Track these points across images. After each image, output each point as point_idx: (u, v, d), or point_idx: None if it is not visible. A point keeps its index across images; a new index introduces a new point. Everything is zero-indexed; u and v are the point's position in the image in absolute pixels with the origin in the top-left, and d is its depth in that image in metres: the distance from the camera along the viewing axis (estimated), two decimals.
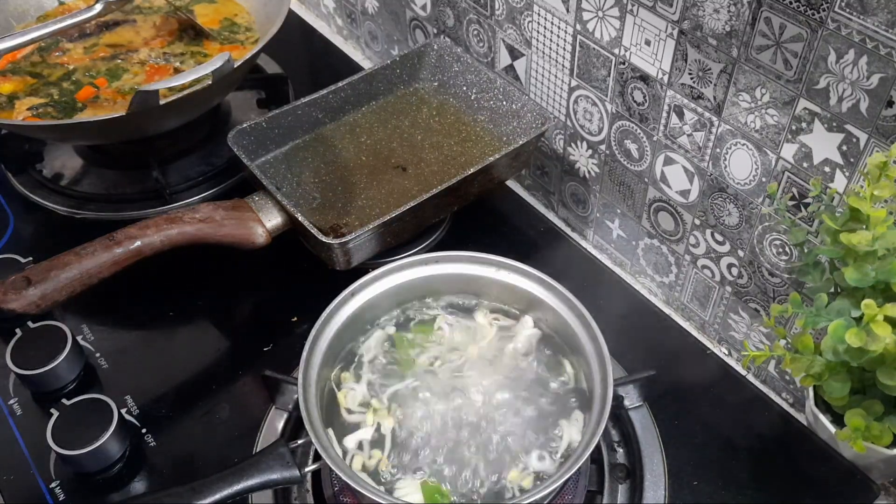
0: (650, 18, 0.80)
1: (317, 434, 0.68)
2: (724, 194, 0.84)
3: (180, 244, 0.86)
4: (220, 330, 0.95)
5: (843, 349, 0.65)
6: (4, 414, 0.86)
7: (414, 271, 0.81)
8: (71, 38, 1.13)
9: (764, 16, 0.70)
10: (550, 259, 0.99)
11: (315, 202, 0.96)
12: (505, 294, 0.82)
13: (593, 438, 0.67)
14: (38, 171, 1.08)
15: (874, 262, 0.65)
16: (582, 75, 0.92)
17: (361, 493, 0.66)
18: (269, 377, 0.81)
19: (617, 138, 0.93)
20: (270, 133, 1.00)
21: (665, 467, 0.79)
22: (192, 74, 0.91)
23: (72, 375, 0.87)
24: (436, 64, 1.09)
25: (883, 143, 0.67)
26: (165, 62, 1.09)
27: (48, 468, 0.81)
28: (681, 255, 0.94)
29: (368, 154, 1.02)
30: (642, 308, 0.94)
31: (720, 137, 0.81)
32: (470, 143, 1.03)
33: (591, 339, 0.74)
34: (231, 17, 1.17)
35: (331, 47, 1.33)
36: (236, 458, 0.71)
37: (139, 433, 0.84)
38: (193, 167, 1.08)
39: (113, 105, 1.03)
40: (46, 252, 0.83)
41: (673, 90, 0.82)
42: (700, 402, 0.85)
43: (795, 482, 0.79)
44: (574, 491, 0.76)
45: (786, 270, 0.82)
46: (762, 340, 0.90)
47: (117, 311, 0.96)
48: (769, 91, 0.73)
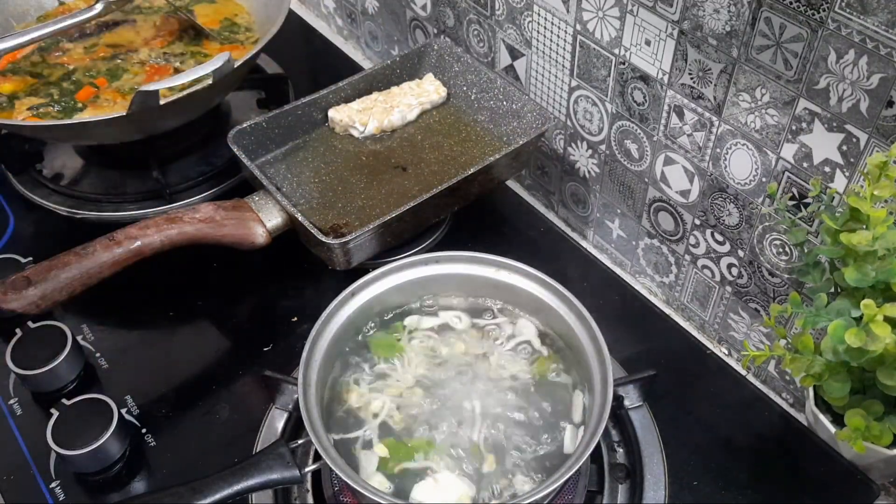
0: (650, 18, 0.80)
1: (317, 434, 0.68)
2: (725, 194, 0.84)
3: (180, 244, 0.86)
4: (220, 330, 0.95)
5: (843, 349, 0.65)
6: (4, 414, 0.86)
7: (414, 271, 0.81)
8: (71, 38, 1.13)
9: (764, 16, 0.70)
10: (550, 259, 0.99)
11: (315, 202, 0.96)
12: (505, 294, 0.82)
13: (593, 438, 0.67)
14: (38, 171, 1.08)
15: (874, 262, 0.65)
16: (582, 75, 0.92)
17: (361, 493, 0.66)
18: (269, 377, 0.81)
19: (617, 138, 0.93)
20: (270, 133, 1.00)
21: (665, 467, 0.79)
22: (192, 74, 0.91)
23: (72, 375, 0.87)
24: (436, 64, 1.09)
25: (883, 143, 0.67)
26: (165, 62, 1.09)
27: (48, 468, 0.81)
28: (681, 255, 0.94)
29: (368, 154, 1.02)
30: (642, 308, 0.94)
31: (720, 137, 0.81)
32: (470, 143, 1.03)
33: (591, 339, 0.74)
34: (231, 17, 1.17)
35: (331, 47, 1.33)
36: (236, 458, 0.71)
37: (139, 433, 0.84)
38: (193, 167, 1.08)
39: (113, 105, 1.03)
40: (46, 252, 0.83)
41: (673, 90, 0.82)
42: (700, 402, 0.85)
43: (795, 482, 0.79)
44: (574, 491, 0.76)
45: (786, 270, 0.82)
46: (762, 340, 0.90)
47: (117, 311, 0.96)
48: (769, 91, 0.73)
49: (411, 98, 1.05)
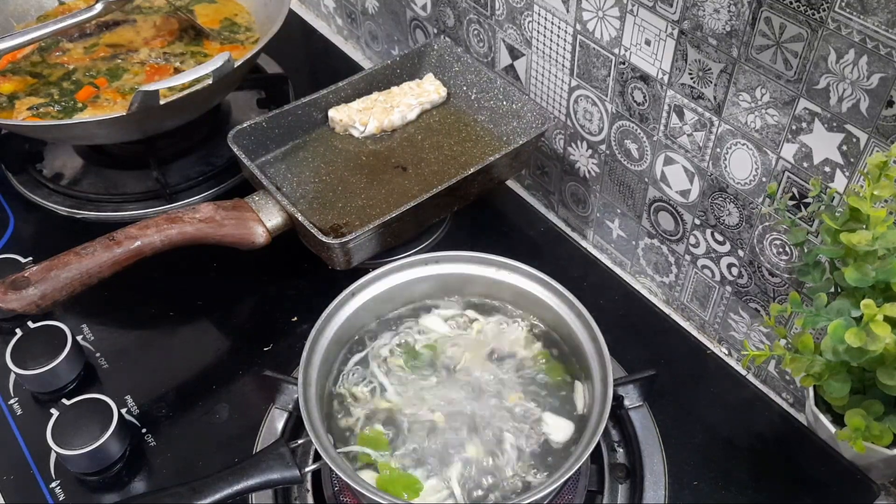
0: (650, 18, 0.80)
1: (317, 434, 0.68)
2: (725, 194, 0.84)
3: (180, 244, 0.86)
4: (220, 330, 0.95)
5: (843, 349, 0.65)
6: (4, 414, 0.86)
7: (414, 271, 0.81)
8: (71, 38, 1.13)
9: (764, 16, 0.70)
10: (550, 259, 0.99)
11: (315, 202, 0.96)
12: (505, 294, 0.82)
13: (593, 438, 0.67)
14: (38, 171, 1.08)
15: (874, 261, 0.65)
16: (582, 75, 0.92)
17: (361, 492, 0.66)
18: (269, 377, 0.81)
19: (617, 138, 0.93)
20: (270, 133, 1.00)
21: (665, 467, 0.79)
22: (192, 74, 0.92)
23: (72, 375, 0.87)
24: (436, 64, 1.09)
25: (883, 143, 0.67)
26: (165, 62, 1.09)
27: (48, 468, 0.81)
28: (681, 255, 0.94)
29: (368, 154, 1.02)
30: (642, 308, 0.94)
31: (720, 137, 0.81)
32: (470, 143, 1.03)
33: (591, 339, 0.74)
34: (231, 17, 1.17)
35: (331, 47, 1.33)
36: (236, 458, 0.71)
37: (139, 433, 0.84)
38: (193, 167, 1.08)
39: (113, 105, 1.03)
40: (46, 252, 0.83)
41: (673, 90, 0.82)
42: (700, 402, 0.85)
43: (795, 482, 0.79)
44: (574, 491, 0.76)
45: (786, 270, 0.82)
46: (762, 340, 0.90)
47: (117, 311, 0.96)
48: (769, 91, 0.73)
49: (411, 98, 1.05)
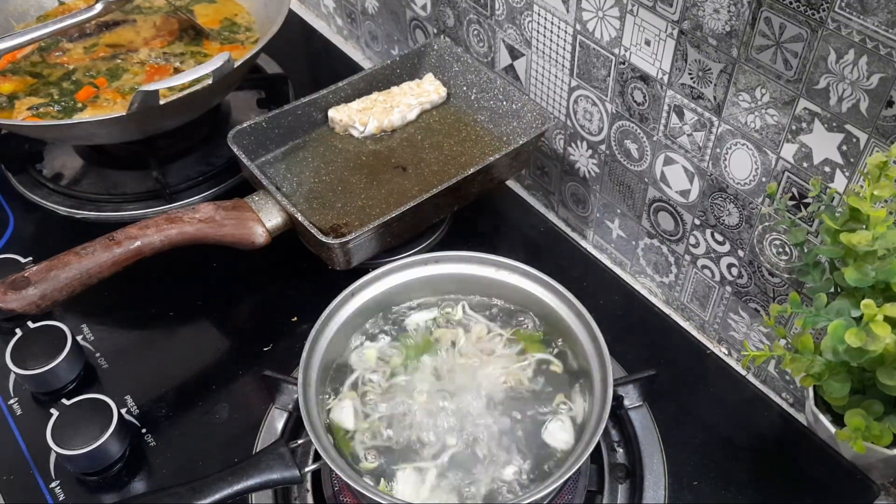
0: (650, 18, 0.80)
1: (317, 434, 0.68)
2: (724, 194, 0.84)
3: (180, 244, 0.86)
4: (220, 330, 0.95)
5: (843, 349, 0.65)
6: (4, 414, 0.86)
7: (414, 271, 0.81)
8: (71, 38, 1.13)
9: (764, 16, 0.70)
10: (550, 259, 0.99)
11: (315, 202, 0.96)
12: (505, 294, 0.82)
13: (593, 438, 0.67)
14: (38, 171, 1.08)
15: (874, 262, 0.65)
16: (582, 75, 0.92)
17: (361, 492, 0.66)
18: (269, 377, 0.81)
19: (617, 138, 0.93)
20: (270, 133, 1.00)
21: (665, 467, 0.79)
22: (192, 74, 0.91)
23: (72, 375, 0.87)
24: (436, 64, 1.09)
25: (883, 143, 0.67)
26: (165, 62, 1.09)
27: (48, 468, 0.81)
28: (681, 255, 0.94)
29: (368, 154, 1.02)
30: (642, 308, 0.95)
31: (720, 137, 0.81)
32: (470, 143, 1.03)
33: (591, 339, 0.74)
34: (231, 17, 1.17)
35: (331, 47, 1.33)
36: (236, 458, 0.71)
37: (139, 433, 0.84)
38: (193, 167, 1.08)
39: (113, 105, 1.03)
40: (46, 252, 0.83)
41: (673, 90, 0.82)
42: (700, 402, 0.85)
43: (795, 482, 0.79)
44: (574, 491, 0.76)
45: (786, 270, 0.82)
46: (762, 340, 0.90)
47: (117, 311, 0.96)
48: (769, 91, 0.73)
49: (411, 98, 1.05)
